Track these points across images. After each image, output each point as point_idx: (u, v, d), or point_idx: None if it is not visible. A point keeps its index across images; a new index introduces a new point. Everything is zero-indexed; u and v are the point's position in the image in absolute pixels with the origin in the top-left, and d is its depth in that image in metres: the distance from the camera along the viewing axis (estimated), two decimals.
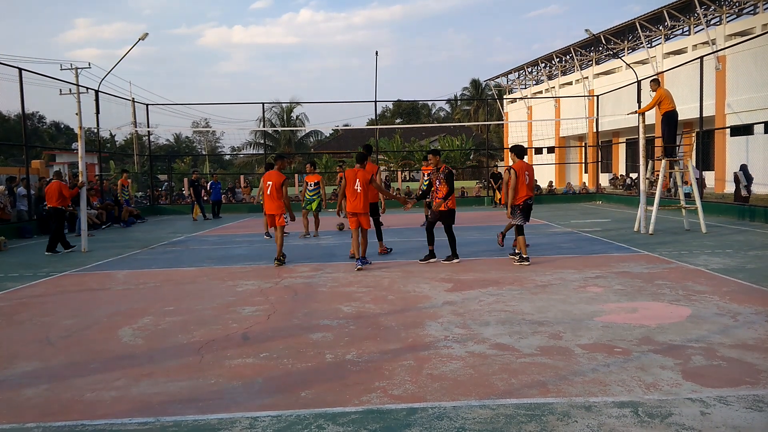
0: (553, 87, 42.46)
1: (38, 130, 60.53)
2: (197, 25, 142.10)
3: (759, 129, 15.33)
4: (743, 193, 17.52)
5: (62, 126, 64.02)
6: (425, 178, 13.32)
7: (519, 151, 9.00)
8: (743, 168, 17.81)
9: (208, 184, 21.34)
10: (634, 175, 26.77)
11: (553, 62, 42.64)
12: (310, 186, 13.32)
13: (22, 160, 17.23)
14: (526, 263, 8.59)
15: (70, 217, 16.13)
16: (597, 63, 38.40)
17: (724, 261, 8.46)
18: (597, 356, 4.41)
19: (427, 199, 13.14)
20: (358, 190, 8.62)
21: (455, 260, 8.91)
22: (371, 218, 9.31)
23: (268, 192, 9.30)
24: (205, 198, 21.01)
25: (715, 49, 24.54)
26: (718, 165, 25.39)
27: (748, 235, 11.55)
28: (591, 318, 5.51)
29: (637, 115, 13.59)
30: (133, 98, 31.79)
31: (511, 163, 9.16)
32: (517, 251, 8.97)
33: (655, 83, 12.22)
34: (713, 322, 5.28)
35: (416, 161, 44.33)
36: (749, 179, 17.53)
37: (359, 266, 8.61)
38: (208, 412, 3.58)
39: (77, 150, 12.79)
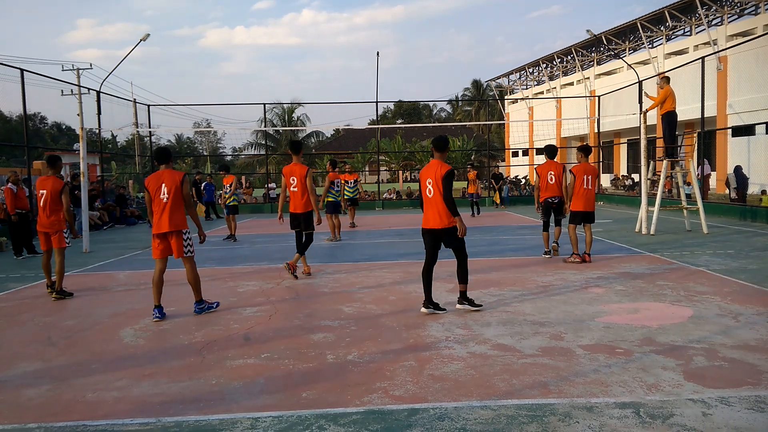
0: (555, 87, 42.45)
1: (40, 130, 60.64)
2: (199, 26, 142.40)
3: (760, 129, 15.31)
4: (732, 195, 17.53)
5: (64, 127, 64.14)
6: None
7: (549, 151, 9.42)
8: (736, 170, 17.81)
9: (202, 185, 21.13)
10: (636, 176, 26.73)
11: (555, 63, 42.62)
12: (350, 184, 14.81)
13: (24, 161, 17.25)
14: (546, 256, 9.34)
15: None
16: (598, 63, 38.37)
17: (725, 262, 8.45)
18: (598, 357, 4.41)
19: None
20: (165, 200, 5.97)
21: None
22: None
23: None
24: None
25: (716, 50, 24.52)
26: (719, 165, 25.36)
27: (749, 235, 11.53)
28: (592, 319, 5.51)
29: (639, 115, 13.58)
30: (135, 99, 31.86)
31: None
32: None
33: (665, 80, 12.08)
34: (715, 322, 5.27)
35: (417, 162, 44.33)
36: (742, 180, 17.50)
37: (197, 311, 6.19)
38: (210, 412, 3.58)
39: (79, 151, 12.81)
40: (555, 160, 9.39)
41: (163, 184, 5.96)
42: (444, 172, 5.71)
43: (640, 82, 20.98)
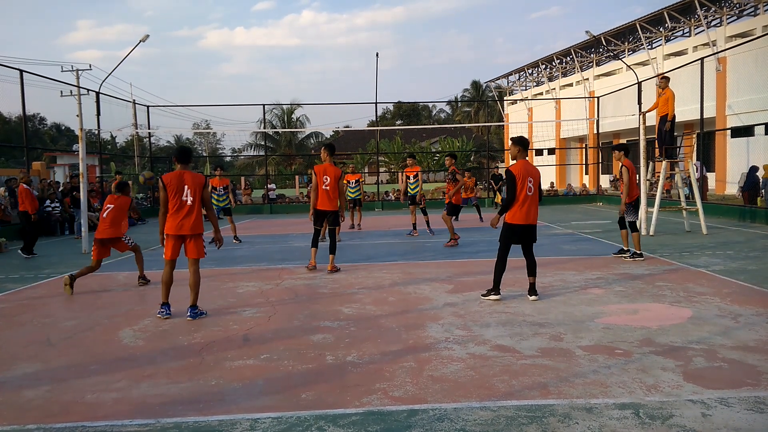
0: (554, 88, 42.45)
1: (39, 131, 60.68)
2: (199, 27, 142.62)
3: (760, 130, 15.31)
4: (737, 194, 17.51)
5: (63, 128, 64.18)
6: (411, 181, 13.77)
7: (627, 150, 9.08)
8: (751, 171, 17.75)
9: None
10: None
11: (554, 64, 42.63)
12: (352, 184, 15.17)
13: (23, 162, 17.24)
14: (640, 258, 8.83)
15: (69, 219, 16.18)
16: (597, 64, 38.38)
17: (725, 262, 8.45)
18: (598, 358, 4.41)
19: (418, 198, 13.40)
20: (189, 203, 5.85)
21: None
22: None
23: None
24: None
25: (715, 51, 24.54)
26: (718, 166, 25.37)
27: (749, 236, 11.54)
28: (592, 319, 5.51)
29: (638, 116, 13.58)
30: (134, 100, 31.86)
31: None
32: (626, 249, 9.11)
33: (665, 80, 12.01)
34: (714, 323, 5.27)
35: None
36: (753, 182, 17.45)
37: (191, 315, 5.97)
38: (209, 413, 3.58)
39: (78, 152, 12.80)
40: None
41: (186, 187, 5.83)
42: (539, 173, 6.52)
43: (639, 83, 20.99)
